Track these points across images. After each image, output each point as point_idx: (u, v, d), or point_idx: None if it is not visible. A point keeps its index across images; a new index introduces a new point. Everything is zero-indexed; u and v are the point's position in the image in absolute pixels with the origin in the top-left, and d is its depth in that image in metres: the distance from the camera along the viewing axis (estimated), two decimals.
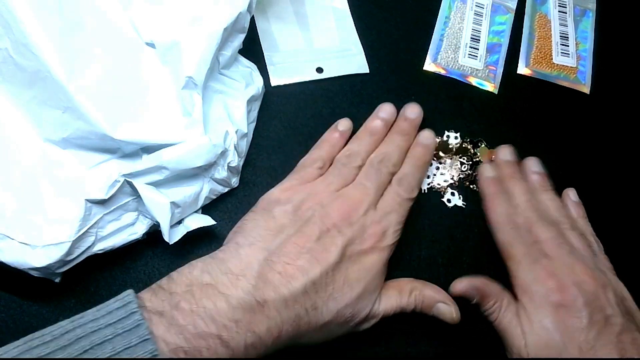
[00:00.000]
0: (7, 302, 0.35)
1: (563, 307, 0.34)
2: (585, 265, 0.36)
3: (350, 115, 0.43)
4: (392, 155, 0.39)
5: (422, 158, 0.41)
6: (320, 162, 0.39)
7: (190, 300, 0.29)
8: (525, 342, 0.34)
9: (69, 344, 0.25)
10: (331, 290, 0.33)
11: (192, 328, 0.28)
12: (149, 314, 0.28)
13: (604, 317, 0.34)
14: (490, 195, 0.41)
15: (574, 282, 0.35)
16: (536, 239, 0.38)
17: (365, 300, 0.34)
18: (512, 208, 0.40)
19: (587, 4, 0.54)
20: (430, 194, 0.43)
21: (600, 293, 0.35)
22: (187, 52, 0.36)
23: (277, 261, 0.32)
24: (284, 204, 0.36)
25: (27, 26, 0.32)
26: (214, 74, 0.38)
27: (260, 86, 0.42)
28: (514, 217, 0.39)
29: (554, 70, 0.50)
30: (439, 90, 0.47)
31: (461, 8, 0.51)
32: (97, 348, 0.25)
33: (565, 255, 0.37)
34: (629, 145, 0.48)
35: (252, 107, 0.41)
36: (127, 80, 0.36)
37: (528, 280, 0.36)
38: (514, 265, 0.37)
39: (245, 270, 0.31)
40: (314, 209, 0.35)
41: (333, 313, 0.33)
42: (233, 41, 0.39)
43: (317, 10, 0.48)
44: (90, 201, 0.33)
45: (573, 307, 0.34)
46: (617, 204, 0.45)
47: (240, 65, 0.42)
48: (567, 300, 0.34)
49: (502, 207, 0.40)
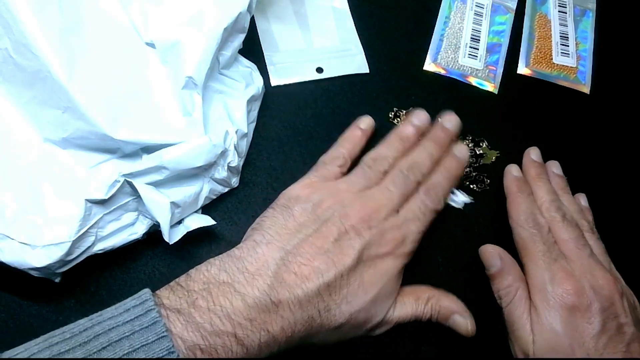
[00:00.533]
0: (7, 302, 0.35)
1: (577, 311, 0.34)
2: (604, 269, 0.36)
3: (350, 115, 0.43)
4: (422, 164, 0.38)
5: (455, 172, 0.39)
6: (342, 160, 0.38)
7: (208, 298, 0.29)
8: (533, 339, 0.34)
9: (87, 340, 0.26)
10: (345, 293, 0.32)
11: (208, 326, 0.28)
12: (166, 311, 0.28)
13: (617, 325, 0.34)
14: (514, 193, 0.41)
15: (592, 286, 0.35)
16: (557, 239, 0.37)
17: (379, 306, 0.34)
18: (535, 207, 0.39)
19: (587, 4, 0.54)
20: None
21: (617, 299, 0.35)
22: (187, 52, 0.36)
23: (293, 261, 0.32)
24: (304, 202, 0.35)
25: (27, 26, 0.32)
26: (214, 74, 0.38)
27: (260, 86, 0.42)
28: (537, 216, 0.39)
29: (554, 70, 0.50)
30: (439, 90, 0.47)
31: (461, 8, 0.51)
32: (115, 345, 0.26)
33: (585, 258, 0.36)
34: (629, 145, 0.48)
35: (252, 107, 0.41)
36: (127, 80, 0.36)
37: (544, 280, 0.36)
38: (532, 263, 0.37)
39: (262, 270, 0.31)
40: (333, 208, 0.34)
41: (346, 316, 0.32)
42: (233, 41, 0.39)
43: (317, 10, 0.48)
44: (90, 201, 0.33)
45: (587, 312, 0.34)
46: (617, 203, 0.45)
47: (240, 65, 0.42)
48: (583, 304, 0.34)
49: (525, 205, 0.39)
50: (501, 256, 0.38)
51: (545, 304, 0.35)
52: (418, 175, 0.38)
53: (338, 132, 0.43)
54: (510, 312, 0.36)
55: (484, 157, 0.44)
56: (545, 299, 0.35)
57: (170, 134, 0.35)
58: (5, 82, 0.35)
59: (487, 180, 0.44)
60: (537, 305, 0.35)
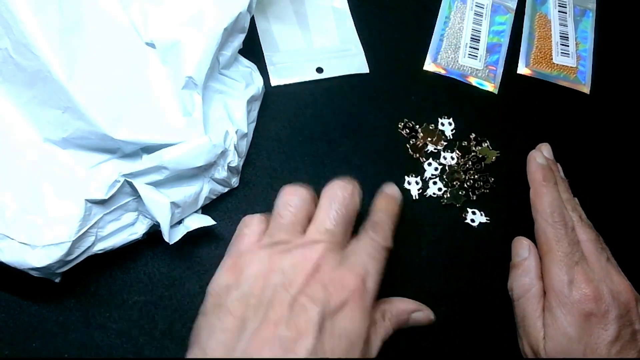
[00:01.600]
0: (7, 302, 0.35)
1: (594, 317, 0.34)
2: (621, 275, 0.36)
3: (350, 115, 0.43)
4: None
5: (392, 208, 0.35)
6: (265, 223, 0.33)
7: None
8: (544, 338, 0.34)
9: None
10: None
11: None
12: None
13: (631, 332, 0.34)
14: (539, 182, 0.39)
15: (611, 292, 0.34)
16: (579, 239, 0.37)
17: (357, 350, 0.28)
18: (561, 200, 0.38)
19: (587, 4, 0.54)
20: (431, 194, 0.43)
21: (632, 306, 0.34)
22: (187, 52, 0.36)
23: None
24: (236, 288, 0.28)
25: (27, 26, 0.32)
26: (214, 74, 0.39)
27: (260, 86, 0.42)
28: (563, 210, 0.38)
29: (554, 70, 0.50)
30: (439, 90, 0.47)
31: (461, 8, 0.51)
32: None
33: (604, 261, 0.36)
34: (629, 145, 0.48)
35: (252, 107, 0.41)
36: (127, 80, 0.36)
37: (563, 282, 0.35)
38: (553, 262, 0.36)
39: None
40: (272, 280, 0.28)
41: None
42: (233, 41, 0.39)
43: (317, 10, 0.48)
44: (90, 201, 0.33)
45: (604, 318, 0.33)
46: (617, 203, 0.45)
47: (240, 66, 0.42)
48: (600, 310, 0.34)
49: (551, 196, 0.38)
50: (530, 249, 0.38)
51: (562, 306, 0.34)
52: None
53: (338, 132, 0.43)
54: (523, 307, 0.35)
55: (485, 159, 0.44)
56: (562, 302, 0.34)
57: (170, 134, 0.35)
58: (5, 82, 0.35)
59: (491, 179, 0.44)
60: (552, 306, 0.34)
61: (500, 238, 0.41)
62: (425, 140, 0.44)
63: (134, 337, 0.35)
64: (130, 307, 0.36)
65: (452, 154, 0.44)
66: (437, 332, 0.38)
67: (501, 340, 0.38)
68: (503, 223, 0.42)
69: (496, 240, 0.42)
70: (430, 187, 0.43)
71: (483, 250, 0.41)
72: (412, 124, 0.45)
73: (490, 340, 0.38)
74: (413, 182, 0.43)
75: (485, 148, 0.45)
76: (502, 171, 0.44)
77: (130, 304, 0.36)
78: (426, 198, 0.42)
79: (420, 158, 0.44)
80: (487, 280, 0.40)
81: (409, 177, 0.43)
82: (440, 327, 0.37)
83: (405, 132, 0.44)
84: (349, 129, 0.44)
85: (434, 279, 0.39)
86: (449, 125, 0.45)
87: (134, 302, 0.36)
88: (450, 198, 0.43)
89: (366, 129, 0.44)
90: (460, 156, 0.44)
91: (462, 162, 0.44)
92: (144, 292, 0.37)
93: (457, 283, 0.40)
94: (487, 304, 0.40)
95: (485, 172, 0.44)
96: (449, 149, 0.44)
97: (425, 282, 0.39)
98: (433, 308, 0.36)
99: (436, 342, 0.38)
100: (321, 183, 0.42)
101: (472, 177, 0.43)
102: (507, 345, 0.38)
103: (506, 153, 0.45)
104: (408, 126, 0.45)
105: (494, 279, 0.40)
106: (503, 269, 0.40)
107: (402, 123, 0.45)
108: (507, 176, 0.44)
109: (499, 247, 0.41)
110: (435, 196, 0.43)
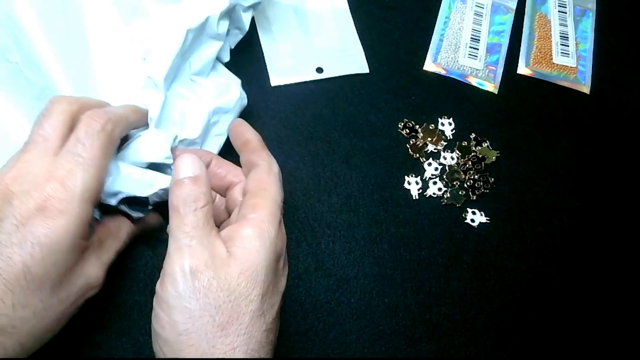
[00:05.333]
0: None
1: None
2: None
3: (350, 115, 0.43)
4: None
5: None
6: None
7: None
8: None
9: None
10: None
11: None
12: None
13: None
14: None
15: None
16: None
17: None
18: None
19: (587, 4, 0.54)
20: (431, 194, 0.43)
21: None
22: (153, 53, 0.35)
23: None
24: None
25: (37, 44, 0.33)
26: (183, 78, 0.38)
27: (235, 99, 0.39)
28: None
29: (554, 70, 0.50)
30: (439, 90, 0.47)
31: (461, 8, 0.51)
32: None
33: None
34: (629, 145, 0.48)
35: (219, 119, 0.39)
36: (128, 99, 0.36)
37: None
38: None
39: None
40: None
41: None
42: (207, 48, 0.38)
43: (317, 10, 0.48)
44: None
45: None
46: (617, 203, 0.45)
47: (219, 76, 0.40)
48: None
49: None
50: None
51: None
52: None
53: (338, 132, 0.43)
54: None
55: (485, 159, 0.44)
56: None
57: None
58: (16, 93, 0.36)
59: (491, 179, 0.44)
60: None
61: (500, 238, 0.42)
62: (425, 140, 0.44)
63: (134, 337, 0.35)
64: (130, 307, 0.36)
65: (452, 154, 0.44)
66: (437, 332, 0.38)
67: (501, 340, 0.38)
68: (503, 223, 0.42)
69: (496, 240, 0.42)
70: (430, 187, 0.43)
71: (483, 250, 0.41)
72: (412, 124, 0.45)
73: (490, 340, 0.38)
74: (413, 182, 0.43)
75: (485, 148, 0.45)
76: (502, 171, 0.44)
77: (131, 304, 0.36)
78: (426, 198, 0.42)
79: (420, 158, 0.44)
80: (487, 280, 0.40)
81: (409, 177, 0.43)
82: (441, 327, 0.37)
83: (405, 132, 0.44)
84: (349, 129, 0.44)
85: (434, 279, 0.39)
86: (449, 125, 0.45)
87: (134, 302, 0.36)
88: (450, 198, 0.43)
89: (366, 129, 0.44)
90: (460, 156, 0.44)
91: (462, 162, 0.44)
92: (144, 292, 0.37)
93: (457, 283, 0.40)
94: (487, 304, 0.40)
95: (485, 172, 0.44)
96: (449, 149, 0.44)
97: (425, 282, 0.39)
98: (433, 308, 0.36)
99: (436, 342, 0.38)
100: (321, 183, 0.42)
101: (472, 177, 0.43)
102: (507, 345, 0.38)
103: (506, 153, 0.45)
104: (408, 126, 0.45)
105: (494, 279, 0.40)
106: (503, 269, 0.40)
107: (402, 123, 0.45)
108: (507, 176, 0.44)
109: (499, 247, 0.41)
110: (435, 196, 0.43)
